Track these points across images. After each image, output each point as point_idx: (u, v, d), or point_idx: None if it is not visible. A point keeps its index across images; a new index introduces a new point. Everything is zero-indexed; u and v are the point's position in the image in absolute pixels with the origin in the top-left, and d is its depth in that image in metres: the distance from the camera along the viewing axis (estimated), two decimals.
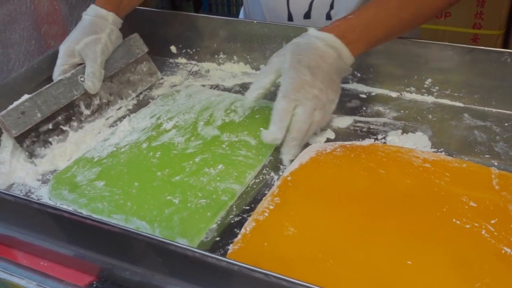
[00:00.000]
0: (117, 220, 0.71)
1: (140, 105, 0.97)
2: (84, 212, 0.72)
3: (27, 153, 0.80)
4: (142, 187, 0.75)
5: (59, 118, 0.84)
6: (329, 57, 0.75)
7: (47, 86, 0.83)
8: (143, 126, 0.87)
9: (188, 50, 1.08)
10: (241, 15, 1.22)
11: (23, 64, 0.89)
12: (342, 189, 0.68)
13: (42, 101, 0.82)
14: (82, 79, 0.86)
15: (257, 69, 1.03)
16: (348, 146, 0.76)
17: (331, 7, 1.02)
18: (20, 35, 0.88)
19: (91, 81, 0.85)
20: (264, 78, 0.77)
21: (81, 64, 0.88)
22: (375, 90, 0.96)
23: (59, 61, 0.85)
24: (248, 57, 1.03)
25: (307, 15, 1.03)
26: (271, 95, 0.84)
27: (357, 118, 0.88)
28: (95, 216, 0.70)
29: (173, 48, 1.09)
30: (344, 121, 0.88)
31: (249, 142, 0.82)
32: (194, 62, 1.07)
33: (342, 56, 0.76)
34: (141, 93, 1.00)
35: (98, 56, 0.86)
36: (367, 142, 0.80)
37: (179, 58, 1.10)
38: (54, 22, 0.93)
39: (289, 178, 0.71)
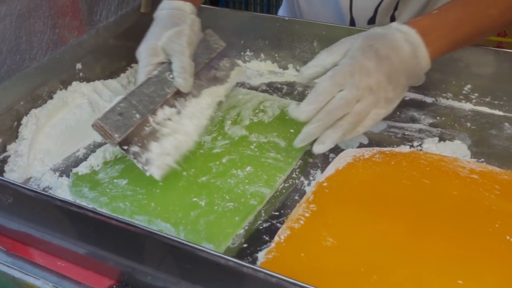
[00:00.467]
0: (139, 221, 0.67)
1: None
2: (105, 211, 0.68)
3: (134, 159, 0.70)
4: (167, 187, 0.71)
5: (154, 118, 0.73)
6: (403, 52, 0.66)
7: (138, 85, 0.73)
8: None
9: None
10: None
11: (46, 54, 0.85)
12: (383, 198, 0.63)
13: (137, 100, 0.71)
14: (171, 76, 0.74)
15: (285, 68, 0.99)
16: (387, 152, 0.72)
17: (395, 8, 0.96)
18: (44, 23, 0.83)
19: (183, 77, 0.73)
20: (327, 56, 0.68)
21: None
22: (409, 95, 0.91)
23: (142, 63, 0.74)
24: (276, 55, 0.98)
25: (372, 20, 0.95)
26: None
27: (391, 123, 0.83)
28: (117, 215, 0.66)
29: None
30: (377, 126, 0.83)
31: (278, 144, 0.77)
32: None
33: (418, 56, 0.67)
34: None
35: (185, 48, 0.74)
36: (403, 149, 0.76)
37: None
38: (74, 14, 0.88)
39: (325, 184, 0.67)
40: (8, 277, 0.63)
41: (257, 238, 0.65)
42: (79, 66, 0.91)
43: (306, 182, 0.72)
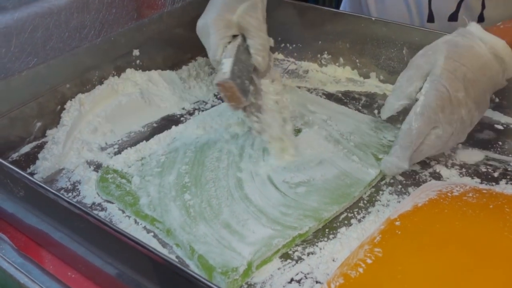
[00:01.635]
0: (159, 230, 0.58)
1: None
2: (128, 212, 0.61)
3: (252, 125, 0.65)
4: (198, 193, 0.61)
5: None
6: (491, 70, 0.60)
7: (234, 54, 0.65)
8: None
9: (288, 45, 0.95)
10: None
11: (99, 35, 0.78)
12: (475, 254, 0.49)
13: (241, 68, 0.64)
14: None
15: (366, 76, 0.87)
16: (485, 191, 0.57)
17: (483, 5, 0.82)
18: (100, 0, 0.77)
19: (261, 55, 0.66)
20: (409, 86, 0.61)
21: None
22: None
23: (216, 35, 0.66)
24: (357, 61, 0.88)
25: (453, 17, 0.85)
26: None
27: (490, 154, 0.70)
28: (139, 219, 0.60)
29: (270, 41, 0.94)
30: (472, 156, 0.70)
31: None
32: (292, 59, 0.94)
33: (508, 71, 0.61)
34: None
35: (262, 23, 0.68)
36: (507, 189, 0.60)
37: (276, 53, 0.96)
38: None
39: (397, 223, 0.53)
40: (14, 280, 0.56)
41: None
42: (136, 52, 0.84)
43: (372, 213, 0.61)
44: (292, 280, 0.53)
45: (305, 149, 0.67)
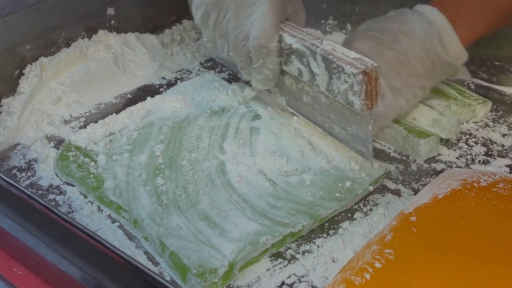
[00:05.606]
0: (125, 219, 0.53)
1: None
2: (91, 197, 0.56)
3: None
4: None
5: None
6: (417, 35, 0.59)
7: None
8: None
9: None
10: None
11: None
12: (510, 256, 0.42)
13: None
14: None
15: None
16: None
17: None
18: None
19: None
20: None
21: None
22: None
23: (274, 14, 0.57)
24: None
25: None
26: None
27: None
28: (103, 206, 0.55)
29: None
30: (504, 139, 0.64)
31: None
32: None
33: (443, 39, 0.59)
34: None
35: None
36: None
37: None
38: None
39: (412, 219, 0.48)
40: None
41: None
42: (111, 11, 0.80)
43: (381, 205, 0.55)
44: (283, 283, 0.48)
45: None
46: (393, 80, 0.58)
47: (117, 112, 0.66)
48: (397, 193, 0.56)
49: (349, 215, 0.53)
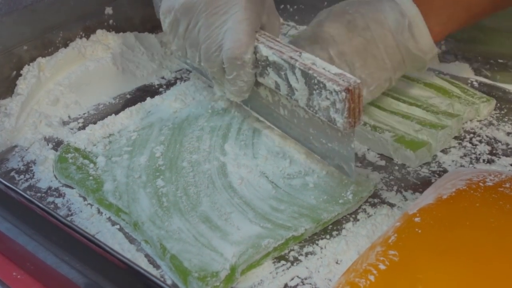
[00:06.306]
0: (125, 222, 0.53)
1: None
2: (90, 200, 0.56)
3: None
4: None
5: None
6: (388, 24, 0.57)
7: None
8: None
9: (288, 7, 0.90)
10: None
11: None
12: None
13: None
14: None
15: None
16: None
17: None
18: None
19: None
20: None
21: None
22: None
23: (249, 24, 0.54)
24: None
25: None
26: None
27: None
28: (103, 209, 0.55)
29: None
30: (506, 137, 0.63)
31: None
32: (292, 23, 0.90)
33: (413, 31, 0.57)
34: None
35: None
36: None
37: None
38: None
39: (417, 220, 0.48)
40: None
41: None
42: (109, 10, 0.80)
43: (385, 206, 0.55)
44: (286, 286, 0.48)
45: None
46: (358, 70, 0.57)
47: (116, 112, 0.66)
48: (402, 194, 0.56)
49: (353, 216, 0.53)
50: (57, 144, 0.64)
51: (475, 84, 0.70)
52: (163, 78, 0.75)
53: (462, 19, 0.60)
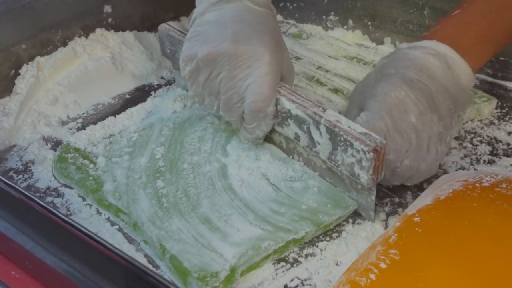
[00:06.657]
0: (124, 222, 0.53)
1: None
2: (90, 200, 0.56)
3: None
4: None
5: None
6: (436, 70, 0.55)
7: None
8: None
9: (287, 4, 0.91)
10: None
11: None
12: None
13: None
14: None
15: (379, 42, 0.84)
16: None
17: None
18: None
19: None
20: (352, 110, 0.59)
21: None
22: None
23: (273, 78, 0.56)
24: (369, 23, 0.84)
25: None
26: None
27: None
28: (102, 209, 0.56)
29: None
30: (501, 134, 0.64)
31: None
32: (292, 21, 0.91)
33: (454, 69, 0.56)
34: None
35: None
36: None
37: None
38: None
39: (416, 220, 0.49)
40: None
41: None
42: (108, 9, 0.80)
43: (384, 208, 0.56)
44: (285, 287, 0.48)
45: None
46: (437, 126, 0.55)
47: (115, 112, 0.66)
48: (400, 196, 0.56)
49: (353, 218, 0.54)
50: (56, 144, 0.64)
51: (476, 81, 0.71)
52: (162, 78, 0.75)
53: (491, 52, 0.60)
